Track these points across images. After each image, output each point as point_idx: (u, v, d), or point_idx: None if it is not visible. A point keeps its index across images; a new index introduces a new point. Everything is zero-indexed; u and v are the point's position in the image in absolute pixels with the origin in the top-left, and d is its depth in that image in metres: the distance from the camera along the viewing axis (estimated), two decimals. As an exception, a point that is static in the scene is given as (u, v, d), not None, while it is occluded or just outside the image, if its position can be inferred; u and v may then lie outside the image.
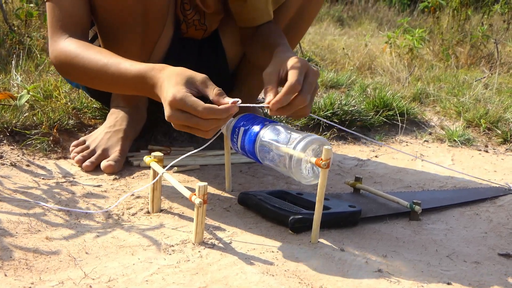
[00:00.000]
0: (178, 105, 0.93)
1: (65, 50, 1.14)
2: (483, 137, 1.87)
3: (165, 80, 0.98)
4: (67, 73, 1.21)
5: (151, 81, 1.01)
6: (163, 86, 0.98)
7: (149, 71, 1.02)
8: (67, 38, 1.15)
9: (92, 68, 1.10)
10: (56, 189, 1.15)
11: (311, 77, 1.03)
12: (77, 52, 1.12)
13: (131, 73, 1.04)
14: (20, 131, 1.38)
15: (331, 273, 0.88)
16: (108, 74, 1.08)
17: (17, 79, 1.72)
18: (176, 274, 0.84)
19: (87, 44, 1.15)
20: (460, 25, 3.84)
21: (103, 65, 1.08)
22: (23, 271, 0.82)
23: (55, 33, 1.16)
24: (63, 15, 1.15)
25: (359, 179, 1.24)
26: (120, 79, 1.06)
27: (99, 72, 1.09)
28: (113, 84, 1.12)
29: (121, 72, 1.06)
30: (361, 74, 2.90)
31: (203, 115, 0.92)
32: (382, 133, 1.81)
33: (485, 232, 1.11)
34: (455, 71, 3.18)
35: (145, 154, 1.37)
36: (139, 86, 1.05)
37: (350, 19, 6.40)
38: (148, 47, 1.27)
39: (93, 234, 0.96)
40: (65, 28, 1.15)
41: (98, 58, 1.09)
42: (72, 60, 1.12)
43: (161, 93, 0.99)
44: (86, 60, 1.10)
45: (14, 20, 2.49)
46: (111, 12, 1.18)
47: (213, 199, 1.16)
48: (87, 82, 1.23)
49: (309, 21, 1.47)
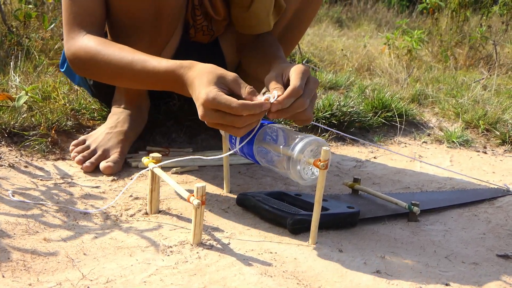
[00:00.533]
0: (212, 105, 0.94)
1: (85, 46, 1.13)
2: (482, 138, 1.87)
3: (195, 79, 0.98)
4: (85, 70, 1.19)
5: (181, 79, 1.02)
6: (194, 85, 0.98)
7: (178, 69, 1.02)
8: (86, 35, 1.14)
9: (116, 65, 1.09)
10: (54, 190, 1.15)
11: (312, 84, 1.03)
12: (98, 49, 1.11)
13: (160, 71, 1.04)
14: (18, 132, 1.38)
15: (330, 274, 0.88)
16: (134, 72, 1.07)
17: (15, 80, 1.72)
18: (175, 275, 0.84)
19: (107, 41, 1.14)
20: (459, 26, 3.84)
21: (128, 62, 1.08)
22: (21, 272, 0.82)
23: (72, 29, 1.15)
24: (80, 12, 1.15)
25: (357, 180, 1.24)
26: (148, 77, 1.06)
27: (124, 69, 1.08)
28: (139, 82, 1.12)
29: (149, 70, 1.06)
30: (359, 75, 2.90)
31: (238, 112, 0.93)
32: (381, 134, 1.81)
33: (484, 233, 1.11)
34: (454, 72, 3.18)
35: (143, 155, 1.37)
36: (167, 84, 1.05)
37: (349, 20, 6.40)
38: (157, 50, 1.26)
39: (91, 235, 0.96)
40: (82, 25, 1.15)
41: (122, 55, 1.09)
42: (92, 57, 1.12)
43: (192, 92, 0.99)
44: (110, 57, 1.10)
45: (12, 21, 2.49)
46: (124, 13, 1.18)
47: (211, 200, 1.16)
48: (108, 79, 1.20)
49: (307, 23, 1.47)
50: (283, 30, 1.37)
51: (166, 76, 1.04)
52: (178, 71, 1.02)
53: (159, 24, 1.20)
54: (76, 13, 1.15)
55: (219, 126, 0.97)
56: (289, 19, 1.38)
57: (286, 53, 1.53)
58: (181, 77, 1.02)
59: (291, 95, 0.99)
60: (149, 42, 1.23)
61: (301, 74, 1.01)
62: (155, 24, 1.20)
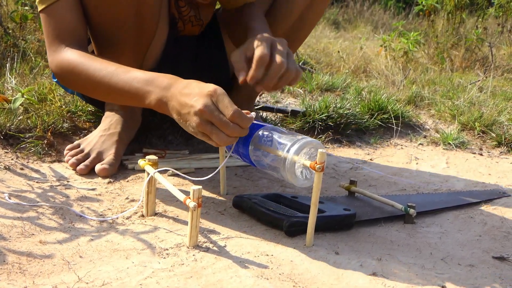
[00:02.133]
0: (218, 98, 0.93)
1: (67, 59, 1.13)
2: (478, 140, 1.87)
3: (192, 82, 0.98)
4: (69, 83, 1.20)
5: (164, 82, 1.00)
6: (192, 84, 0.97)
7: (160, 76, 1.02)
8: (66, 48, 1.14)
9: (97, 77, 1.08)
10: (50, 192, 1.14)
11: (279, 45, 1.04)
12: (79, 61, 1.11)
13: (141, 78, 1.03)
14: (14, 134, 1.37)
15: (326, 277, 0.88)
16: (114, 82, 1.06)
17: (11, 82, 1.71)
18: (171, 277, 0.84)
19: (88, 55, 1.13)
20: (455, 28, 3.85)
21: (109, 73, 1.07)
22: (17, 275, 0.81)
23: (53, 43, 1.15)
24: (57, 25, 1.14)
25: (354, 182, 1.24)
26: (128, 86, 1.05)
27: (104, 80, 1.07)
28: (119, 93, 1.09)
29: (130, 79, 1.04)
30: (356, 77, 2.90)
31: (234, 117, 0.93)
32: (377, 136, 1.81)
33: (480, 235, 1.11)
34: (450, 74, 3.19)
35: (140, 157, 1.37)
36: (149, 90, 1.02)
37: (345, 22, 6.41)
38: (142, 49, 1.26)
39: (87, 237, 0.96)
40: (61, 38, 1.14)
41: (103, 66, 1.08)
42: (73, 70, 1.12)
43: (189, 89, 0.97)
44: (91, 69, 1.09)
45: (9, 23, 2.48)
46: (103, 15, 1.17)
47: (207, 203, 1.16)
48: (91, 92, 1.20)
49: (311, 27, 1.47)
50: (286, 33, 1.37)
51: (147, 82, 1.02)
52: (160, 77, 1.02)
53: (139, 22, 1.19)
54: (55, 27, 1.15)
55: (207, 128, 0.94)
56: (292, 22, 1.38)
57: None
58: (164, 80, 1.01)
59: (259, 64, 1.00)
60: (132, 42, 1.22)
61: (262, 42, 1.03)
62: (136, 23, 1.19)
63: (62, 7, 1.13)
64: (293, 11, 1.36)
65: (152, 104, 1.02)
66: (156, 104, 1.02)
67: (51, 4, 1.13)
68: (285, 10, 1.37)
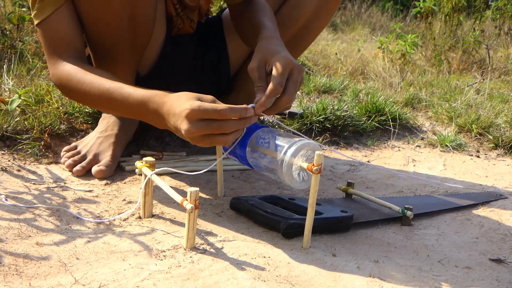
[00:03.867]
0: (198, 113, 0.92)
1: (65, 74, 1.13)
2: (475, 143, 1.88)
3: (174, 102, 0.96)
4: (70, 95, 1.20)
5: (155, 105, 1.00)
6: (173, 106, 0.96)
7: (153, 96, 1.01)
8: (64, 62, 1.14)
9: (94, 93, 1.08)
10: (47, 194, 1.14)
11: (296, 75, 1.03)
12: (77, 77, 1.11)
13: (134, 98, 1.03)
14: (11, 135, 1.37)
15: (323, 279, 0.88)
16: (110, 100, 1.07)
17: (8, 83, 1.71)
18: (168, 279, 0.84)
19: (88, 67, 1.13)
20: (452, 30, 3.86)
21: (106, 89, 1.07)
22: (13, 277, 0.81)
23: (51, 56, 1.15)
24: (53, 38, 1.14)
25: (351, 184, 1.24)
26: (123, 104, 1.05)
27: (101, 97, 1.08)
28: (116, 109, 1.11)
29: (124, 97, 1.04)
30: (353, 79, 2.91)
31: (225, 115, 0.92)
32: (375, 138, 1.82)
33: (477, 237, 1.12)
34: (447, 76, 3.19)
35: (137, 159, 1.37)
36: (142, 111, 1.03)
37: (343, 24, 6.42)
38: (138, 52, 1.26)
39: (84, 239, 0.95)
40: (58, 52, 1.14)
41: (99, 83, 1.08)
42: (72, 84, 1.12)
43: (170, 113, 0.96)
44: (88, 85, 1.09)
45: (6, 24, 2.48)
46: (97, 20, 1.17)
47: (205, 204, 1.16)
48: (91, 105, 1.22)
49: (315, 35, 1.46)
50: (290, 40, 1.36)
51: (140, 103, 1.02)
52: (153, 98, 1.00)
53: (134, 26, 1.19)
54: (51, 40, 1.15)
55: (206, 138, 0.94)
56: (298, 30, 1.37)
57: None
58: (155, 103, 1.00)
59: (271, 96, 1.00)
60: (128, 46, 1.22)
61: (281, 68, 1.01)
62: (131, 27, 1.19)
63: (56, 20, 1.13)
64: (299, 19, 1.36)
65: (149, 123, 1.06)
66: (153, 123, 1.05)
67: (45, 19, 1.12)
68: (291, 17, 1.36)
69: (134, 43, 1.23)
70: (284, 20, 1.36)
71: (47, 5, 1.11)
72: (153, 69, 1.38)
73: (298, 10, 1.35)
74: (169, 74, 1.40)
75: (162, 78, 1.38)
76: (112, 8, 1.14)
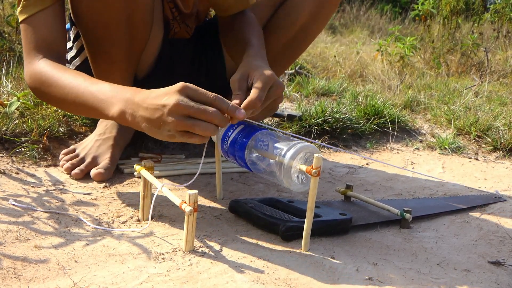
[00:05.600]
0: (190, 91, 0.89)
1: (39, 70, 1.10)
2: (474, 145, 1.88)
3: (155, 89, 0.93)
4: (41, 94, 1.15)
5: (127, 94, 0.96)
6: (156, 89, 0.92)
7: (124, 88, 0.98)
8: (41, 59, 1.11)
9: (65, 88, 1.05)
10: (46, 197, 1.14)
11: (273, 90, 1.03)
12: (51, 73, 1.08)
13: (107, 90, 0.99)
14: (9, 138, 1.37)
15: (322, 281, 0.88)
16: (80, 93, 1.02)
17: (7, 86, 1.71)
18: (166, 282, 0.83)
19: (62, 66, 1.10)
20: (451, 33, 3.87)
21: (77, 84, 1.03)
22: (11, 280, 0.81)
23: (29, 54, 1.12)
24: (36, 37, 1.12)
25: (350, 187, 1.24)
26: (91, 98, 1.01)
27: (72, 91, 1.04)
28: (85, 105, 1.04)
29: (96, 90, 1.00)
30: (352, 82, 2.91)
31: (214, 102, 0.90)
32: (373, 141, 1.82)
33: (475, 240, 1.12)
34: (446, 79, 3.20)
35: (135, 161, 1.37)
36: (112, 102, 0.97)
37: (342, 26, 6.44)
38: (135, 54, 1.26)
39: (83, 242, 0.95)
40: (38, 50, 1.12)
41: (72, 78, 1.05)
42: (45, 80, 1.08)
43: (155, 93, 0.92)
44: (60, 80, 1.06)
45: (5, 27, 2.48)
46: (96, 23, 1.16)
47: (203, 207, 1.15)
48: (60, 104, 1.14)
49: (311, 40, 1.46)
50: (286, 44, 1.36)
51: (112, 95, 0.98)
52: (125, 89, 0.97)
53: (131, 29, 1.19)
54: (32, 38, 1.12)
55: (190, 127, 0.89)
56: (294, 33, 1.37)
57: (284, 67, 1.52)
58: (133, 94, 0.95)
59: (249, 108, 0.99)
60: (125, 48, 1.22)
61: (262, 84, 1.01)
62: (128, 30, 1.18)
63: (42, 18, 1.11)
64: (295, 23, 1.36)
65: (115, 116, 0.97)
66: (119, 116, 0.96)
67: (31, 16, 1.11)
68: (287, 21, 1.36)
69: (132, 46, 1.22)
70: (280, 23, 1.36)
71: (33, 4, 1.10)
72: (151, 72, 1.38)
73: (294, 14, 1.35)
74: (166, 77, 1.40)
75: (159, 81, 1.38)
76: (111, 11, 1.13)
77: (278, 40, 1.36)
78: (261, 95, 1.00)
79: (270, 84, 1.02)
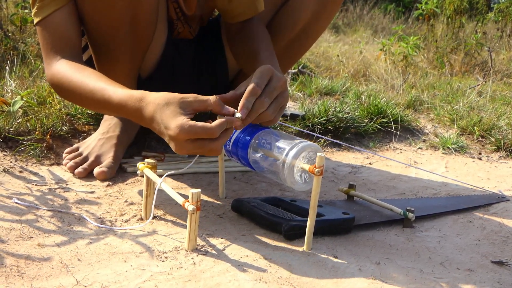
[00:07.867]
0: (189, 135, 0.90)
1: (57, 72, 1.12)
2: (477, 145, 1.88)
3: (156, 112, 0.93)
4: (62, 95, 1.19)
5: (135, 113, 0.98)
6: (156, 119, 0.94)
7: (129, 100, 0.98)
8: (60, 60, 1.13)
9: (81, 93, 1.07)
10: (49, 195, 1.14)
11: (274, 82, 1.01)
12: (67, 75, 1.10)
13: (114, 101, 1.01)
14: (13, 137, 1.37)
15: (324, 281, 0.88)
16: (94, 100, 1.05)
17: (10, 85, 1.72)
18: (169, 281, 0.84)
19: (78, 67, 1.11)
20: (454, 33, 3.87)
21: (89, 91, 1.05)
22: (15, 278, 0.81)
23: (48, 55, 1.14)
24: (52, 37, 1.13)
25: (352, 186, 1.24)
26: (106, 106, 1.04)
27: (87, 97, 1.06)
28: (101, 109, 1.11)
29: (105, 99, 1.03)
30: (355, 81, 2.91)
31: (216, 133, 0.90)
32: (376, 140, 1.82)
33: (478, 239, 1.11)
34: (449, 78, 3.19)
35: (138, 160, 1.37)
36: (123, 113, 1.01)
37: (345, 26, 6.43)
38: (139, 54, 1.26)
39: (86, 240, 0.95)
40: (56, 50, 1.13)
41: (86, 82, 1.06)
42: (63, 83, 1.10)
43: (155, 125, 0.95)
44: (76, 84, 1.08)
45: (9, 26, 2.49)
46: (99, 23, 1.17)
47: (206, 206, 1.16)
48: (80, 104, 1.20)
49: (314, 39, 1.45)
50: (289, 44, 1.36)
51: (119, 107, 1.00)
52: (130, 103, 0.98)
53: (135, 30, 1.18)
54: (49, 39, 1.13)
55: (197, 152, 0.93)
56: (296, 33, 1.37)
57: (287, 67, 1.52)
58: (135, 111, 0.97)
59: (249, 95, 0.97)
60: (129, 48, 1.22)
61: (259, 73, 1.00)
62: (132, 30, 1.18)
63: (58, 18, 1.12)
64: (297, 23, 1.35)
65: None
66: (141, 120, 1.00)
67: (45, 18, 1.12)
68: (289, 21, 1.35)
69: (136, 46, 1.23)
70: (283, 23, 1.36)
71: (47, 4, 1.11)
72: (154, 71, 1.38)
73: (296, 14, 1.35)
74: (170, 77, 1.40)
75: (162, 81, 1.38)
76: (114, 11, 1.14)
77: (281, 40, 1.35)
78: (259, 82, 0.99)
79: (268, 74, 1.01)
